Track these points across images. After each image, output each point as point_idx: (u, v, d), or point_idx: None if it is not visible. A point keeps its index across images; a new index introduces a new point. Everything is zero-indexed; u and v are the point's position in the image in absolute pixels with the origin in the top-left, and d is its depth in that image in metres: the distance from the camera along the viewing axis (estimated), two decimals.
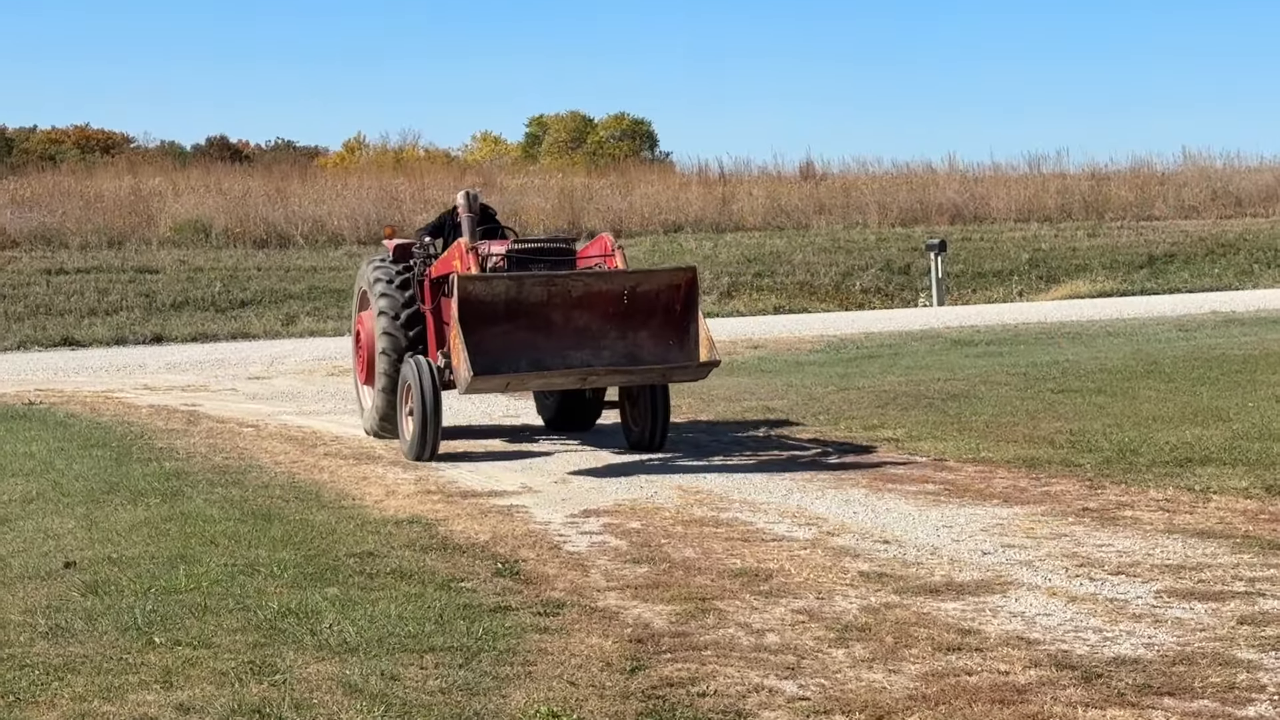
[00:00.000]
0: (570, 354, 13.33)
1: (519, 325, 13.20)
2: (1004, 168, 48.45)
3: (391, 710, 6.55)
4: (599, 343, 13.43)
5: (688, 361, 13.41)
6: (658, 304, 13.49)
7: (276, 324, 29.01)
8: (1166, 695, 6.69)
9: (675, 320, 13.52)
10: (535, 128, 69.72)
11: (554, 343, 13.30)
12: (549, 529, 10.54)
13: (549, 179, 44.28)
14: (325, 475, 12.87)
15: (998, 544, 9.77)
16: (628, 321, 13.47)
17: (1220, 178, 46.95)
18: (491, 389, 13.92)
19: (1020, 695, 6.70)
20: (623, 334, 13.49)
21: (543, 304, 13.21)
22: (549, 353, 13.27)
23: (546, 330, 13.29)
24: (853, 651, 7.46)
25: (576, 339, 13.38)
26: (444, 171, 45.63)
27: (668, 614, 8.22)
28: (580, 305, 13.34)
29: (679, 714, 6.52)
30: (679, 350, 13.47)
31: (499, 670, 7.15)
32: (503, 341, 13.09)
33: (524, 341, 13.21)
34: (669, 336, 13.53)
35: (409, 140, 56.33)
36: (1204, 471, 11.86)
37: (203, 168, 44.76)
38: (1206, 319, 27.87)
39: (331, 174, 46.40)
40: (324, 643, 7.60)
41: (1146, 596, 8.41)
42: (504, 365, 13.01)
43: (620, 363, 13.38)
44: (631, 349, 13.50)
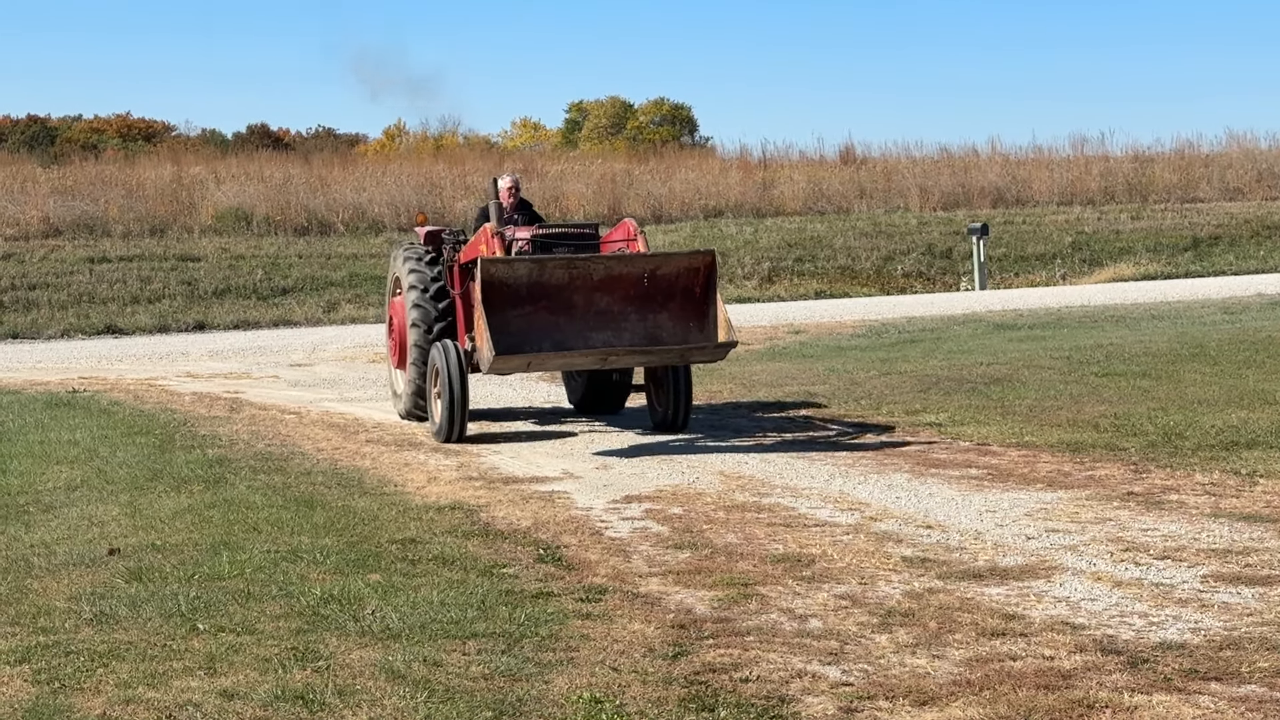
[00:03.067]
0: (591, 335, 13.64)
1: (541, 307, 13.52)
2: (1046, 150, 48.26)
3: (434, 696, 6.56)
4: (620, 324, 13.75)
5: (706, 342, 13.72)
6: (677, 287, 13.83)
7: (318, 311, 29.10)
8: (1214, 680, 6.65)
9: (695, 303, 13.85)
10: (575, 113, 69.77)
11: (576, 324, 13.64)
12: (590, 515, 10.55)
13: (589, 165, 44.21)
14: (367, 462, 12.91)
15: (1042, 529, 9.74)
16: (648, 304, 13.79)
17: (1266, 159, 46.60)
18: (514, 369, 14.15)
19: (1065, 680, 6.67)
20: (643, 316, 13.81)
21: (564, 286, 13.54)
22: (570, 334, 13.61)
23: (568, 312, 13.63)
24: (896, 637, 7.44)
25: (598, 320, 13.70)
26: (484, 158, 45.65)
27: (710, 599, 8.21)
28: (601, 288, 13.67)
29: (722, 700, 6.51)
30: (698, 332, 13.80)
31: (541, 656, 7.16)
32: (525, 322, 13.44)
33: (546, 323, 13.56)
34: (688, 318, 13.87)
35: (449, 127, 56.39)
36: (1250, 455, 11.79)
37: (244, 156, 44.85)
38: (1252, 301, 27.69)
39: (372, 161, 46.46)
40: (366, 629, 7.61)
41: (1193, 581, 8.36)
42: (526, 345, 13.33)
43: (640, 343, 13.71)
44: (652, 330, 13.82)
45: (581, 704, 6.44)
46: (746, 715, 6.31)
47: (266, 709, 6.43)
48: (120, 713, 6.41)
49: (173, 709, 6.44)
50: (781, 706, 6.44)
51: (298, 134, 63.87)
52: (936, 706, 6.41)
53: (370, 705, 6.46)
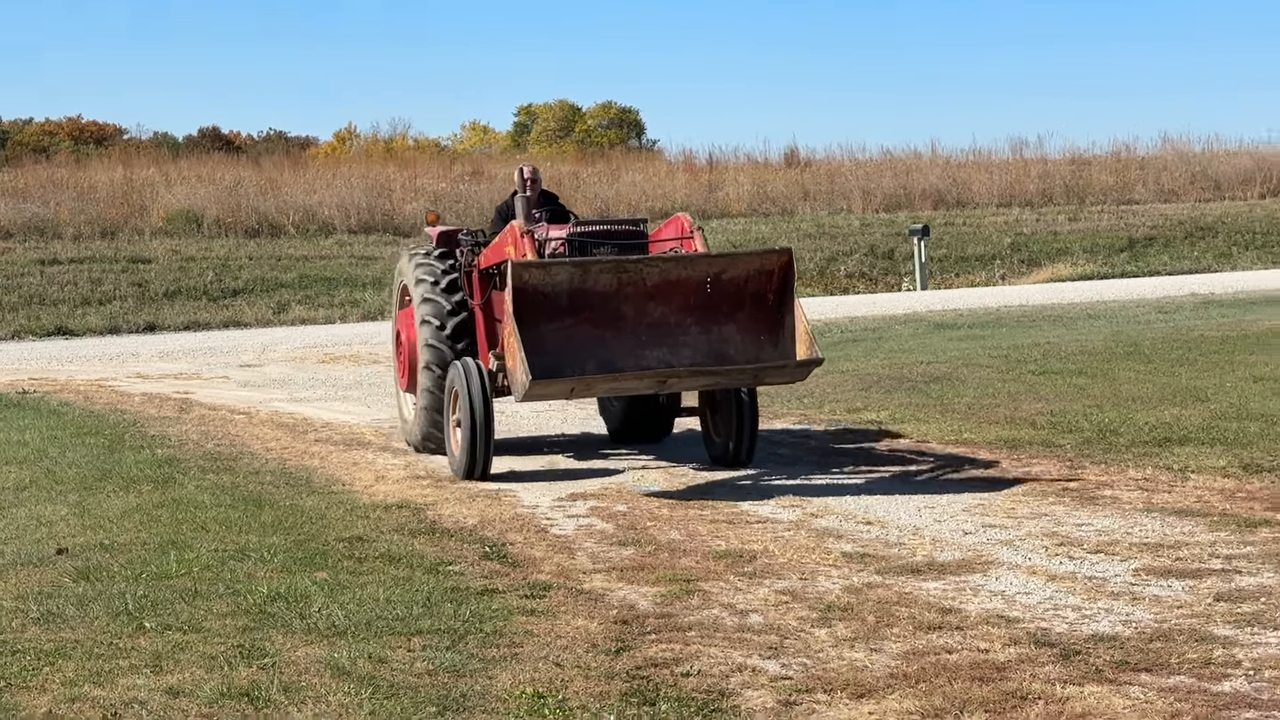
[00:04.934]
0: (644, 353, 11.33)
1: (583, 320, 11.21)
2: (986, 153, 48.49)
3: (379, 692, 6.54)
4: (677, 339, 11.42)
5: (783, 360, 11.34)
6: (745, 293, 11.46)
7: (268, 312, 28.96)
8: (1144, 671, 6.70)
9: (767, 311, 11.48)
10: (524, 117, 69.69)
11: (625, 340, 11.34)
12: (536, 512, 10.53)
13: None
14: (316, 461, 12.85)
15: (979, 524, 9.79)
16: (711, 314, 11.46)
17: (1199, 162, 47.00)
18: (553, 395, 11.45)
19: (999, 673, 6.71)
20: (705, 329, 11.46)
21: (612, 294, 11.22)
22: (619, 352, 11.27)
23: (616, 325, 11.33)
24: (835, 631, 7.46)
25: (651, 335, 11.39)
26: (434, 161, 45.60)
27: (653, 595, 8.22)
28: (655, 295, 11.31)
29: (663, 694, 6.51)
30: (771, 347, 11.43)
31: (485, 652, 7.14)
32: (565, 339, 11.14)
33: (590, 338, 11.25)
34: (759, 331, 11.52)
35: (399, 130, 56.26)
36: (1182, 451, 11.88)
37: (195, 158, 44.63)
38: (1185, 301, 27.91)
39: (322, 164, 46.27)
40: (313, 626, 7.58)
41: (1125, 575, 8.42)
42: (567, 367, 11.02)
43: (704, 362, 11.36)
44: (716, 346, 11.47)
45: (525, 699, 6.43)
46: (687, 709, 6.31)
47: (212, 706, 6.39)
48: (66, 711, 6.37)
49: (118, 707, 6.40)
50: (722, 700, 6.45)
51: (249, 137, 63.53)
52: (874, 699, 6.44)
53: (315, 702, 6.44)
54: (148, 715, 6.29)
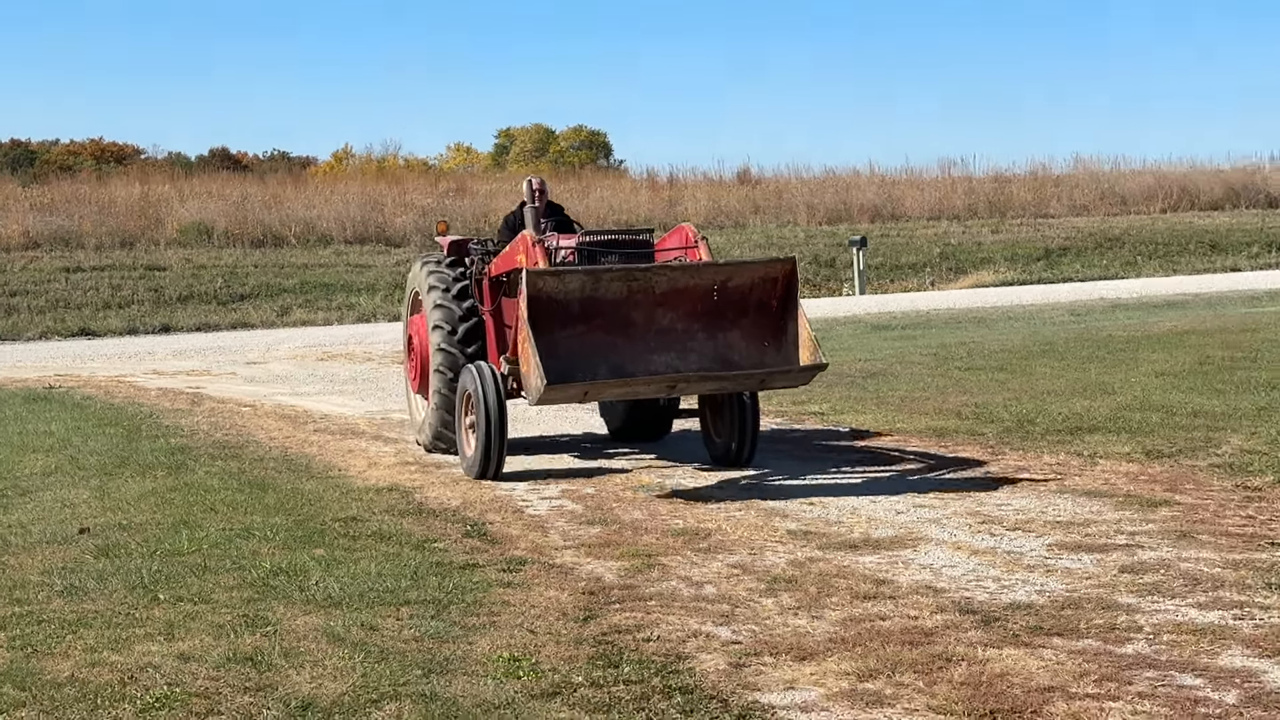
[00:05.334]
0: (653, 358, 10.72)
1: (595, 326, 10.59)
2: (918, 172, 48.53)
3: (370, 656, 6.52)
4: (685, 345, 10.80)
5: (787, 365, 10.78)
6: (750, 300, 10.83)
7: (272, 315, 28.82)
8: (1055, 636, 6.73)
9: (771, 318, 10.89)
10: (503, 139, 69.46)
11: (635, 345, 10.72)
12: (513, 495, 10.51)
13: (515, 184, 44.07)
14: (314, 449, 12.80)
15: (910, 504, 9.80)
16: (717, 320, 10.84)
17: (1108, 179, 47.14)
18: (567, 399, 10.81)
19: (927, 637, 6.73)
20: (711, 335, 10.85)
21: (622, 301, 10.59)
22: (629, 357, 10.68)
23: (626, 331, 10.70)
24: (780, 601, 7.47)
25: (660, 341, 10.77)
26: (422, 178, 45.41)
27: (617, 569, 8.21)
28: (664, 302, 10.71)
29: (626, 657, 6.51)
30: (775, 352, 10.85)
31: (466, 620, 7.13)
32: (577, 344, 10.54)
33: (601, 344, 10.64)
34: (763, 337, 10.90)
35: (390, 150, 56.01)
36: (1091, 439, 11.93)
37: (206, 176, 44.35)
38: (1095, 304, 28.01)
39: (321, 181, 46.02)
40: (311, 598, 7.56)
41: (1039, 549, 8.45)
42: (579, 372, 10.44)
43: (711, 367, 10.70)
44: (722, 351, 10.85)
45: (501, 662, 6.43)
46: (647, 670, 6.31)
47: (219, 670, 6.37)
48: (87, 674, 6.34)
49: (134, 670, 6.37)
50: (678, 663, 6.45)
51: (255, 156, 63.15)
52: (814, 661, 6.45)
53: (313, 665, 6.42)
54: (161, 678, 6.26)
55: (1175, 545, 8.39)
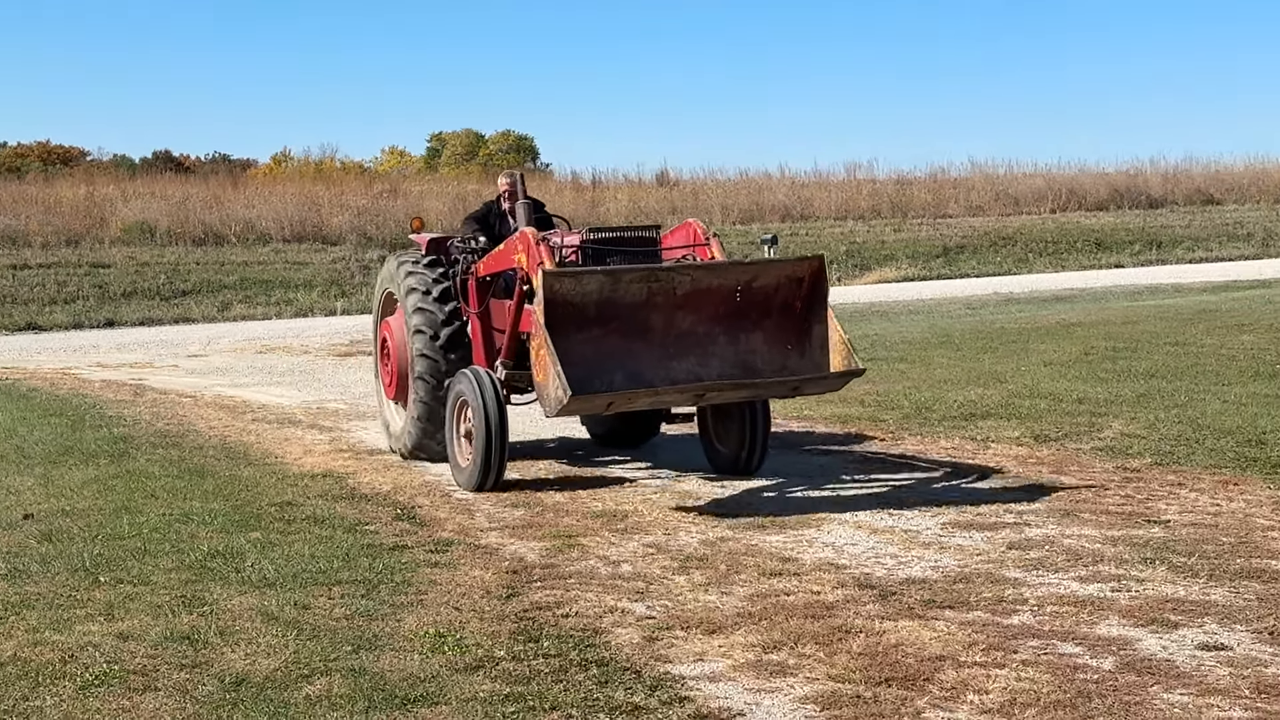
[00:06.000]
0: (672, 364, 9.51)
1: (611, 330, 9.33)
2: (825, 174, 48.65)
3: (302, 634, 6.48)
4: (706, 350, 9.58)
5: (816, 371, 9.55)
6: (774, 302, 9.63)
7: (213, 310, 28.49)
8: (947, 608, 6.79)
9: (794, 321, 9.69)
10: (435, 142, 69.04)
11: (653, 351, 9.48)
12: (442, 480, 10.46)
13: (446, 186, 43.78)
14: (252, 437, 12.68)
15: (815, 486, 9.86)
16: (739, 324, 9.63)
17: (1002, 182, 47.51)
18: (591, 410, 9.57)
19: (829, 611, 6.77)
20: (733, 339, 9.63)
21: (641, 304, 9.33)
22: (647, 363, 9.45)
23: (644, 336, 9.44)
24: (692, 578, 7.49)
25: (679, 346, 9.54)
26: (357, 180, 45.00)
27: (539, 549, 8.21)
28: (685, 305, 9.46)
29: (546, 632, 6.51)
30: (798, 357, 9.66)
31: (395, 599, 7.10)
32: (593, 350, 9.24)
33: (619, 350, 9.40)
34: (786, 340, 9.72)
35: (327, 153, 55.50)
36: (984, 424, 12.04)
37: (149, 178, 43.70)
38: (990, 299, 28.25)
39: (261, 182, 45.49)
40: (246, 579, 7.49)
41: (934, 528, 8.53)
42: (595, 380, 9.16)
43: (734, 373, 9.56)
44: (744, 356, 9.65)
45: (428, 638, 6.40)
46: (566, 645, 6.31)
47: (157, 648, 6.30)
48: (29, 654, 6.25)
49: (75, 649, 6.29)
50: (595, 637, 6.45)
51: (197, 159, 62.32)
52: (723, 634, 6.47)
53: (247, 643, 6.36)
54: (100, 657, 6.18)
55: (1059, 523, 8.50)
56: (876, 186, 47.08)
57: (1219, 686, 5.64)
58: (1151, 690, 5.61)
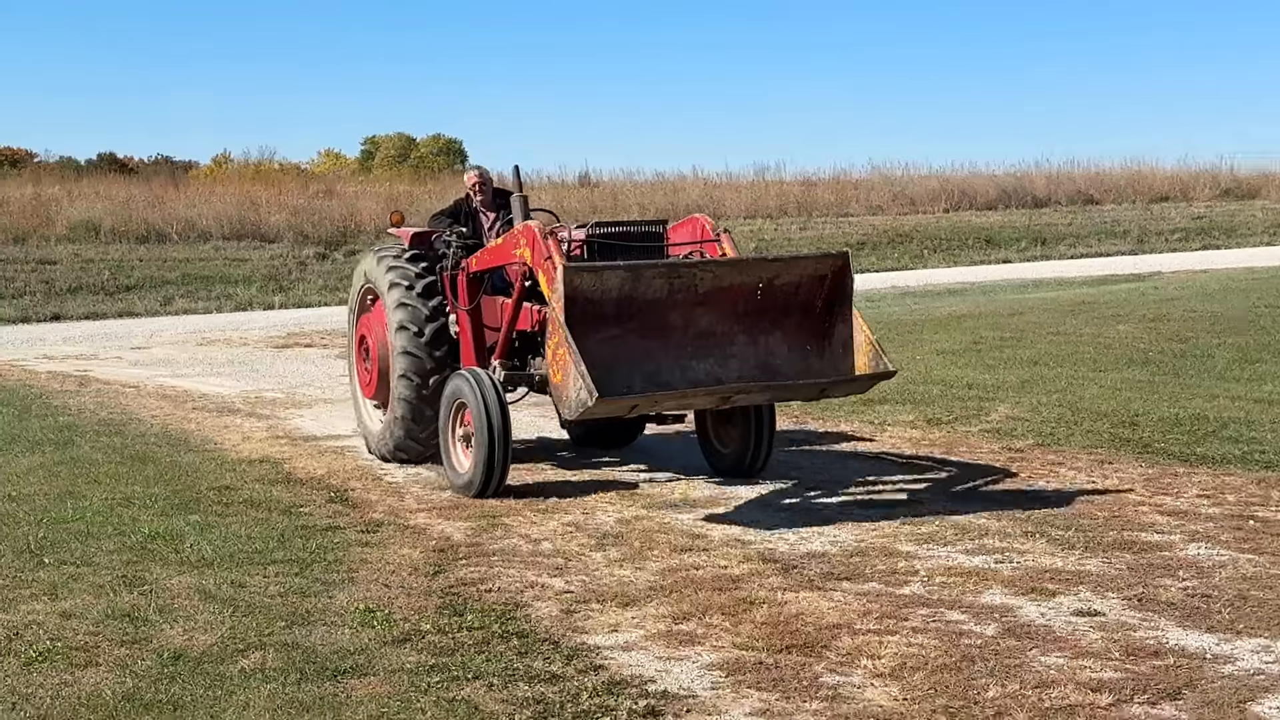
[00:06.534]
0: (691, 365, 8.58)
1: (630, 329, 8.40)
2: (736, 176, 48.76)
3: (238, 611, 6.42)
4: (725, 350, 8.67)
5: (839, 372, 8.64)
6: (795, 300, 8.70)
7: (156, 304, 28.05)
8: (845, 580, 6.85)
9: (814, 320, 8.77)
10: (369, 145, 68.50)
11: (671, 351, 8.54)
12: (373, 464, 10.38)
13: (379, 187, 43.43)
14: (192, 425, 12.51)
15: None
16: (758, 323, 8.71)
17: (899, 183, 47.87)
18: (614, 413, 8.47)
19: (735, 584, 6.81)
20: (752, 339, 8.72)
21: (661, 301, 8.40)
22: (665, 364, 8.51)
23: (662, 335, 8.50)
24: (608, 554, 7.50)
25: (698, 346, 8.61)
26: (294, 181, 44.48)
27: (465, 529, 8.18)
28: (705, 302, 8.52)
29: (470, 606, 6.50)
30: (817, 357, 8.75)
31: (327, 577, 7.05)
32: (611, 350, 8.25)
33: (637, 350, 8.44)
34: (804, 340, 8.80)
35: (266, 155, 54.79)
36: (881, 409, 12.14)
37: (95, 179, 42.95)
38: (888, 292, 28.45)
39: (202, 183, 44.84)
40: (185, 559, 7.41)
41: (834, 504, 8.60)
42: (613, 381, 8.10)
43: (755, 374, 8.66)
44: (763, 357, 8.74)
45: (358, 614, 6.36)
46: (488, 618, 6.30)
47: (99, 625, 6.22)
48: None
49: (20, 627, 6.19)
50: (516, 610, 6.45)
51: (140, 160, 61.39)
52: (636, 607, 6.49)
53: (185, 620, 6.30)
54: (44, 634, 6.09)
55: (949, 500, 8.60)
56: (784, 187, 47.29)
57: (1092, 649, 5.74)
58: (1030, 654, 5.69)
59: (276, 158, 55.18)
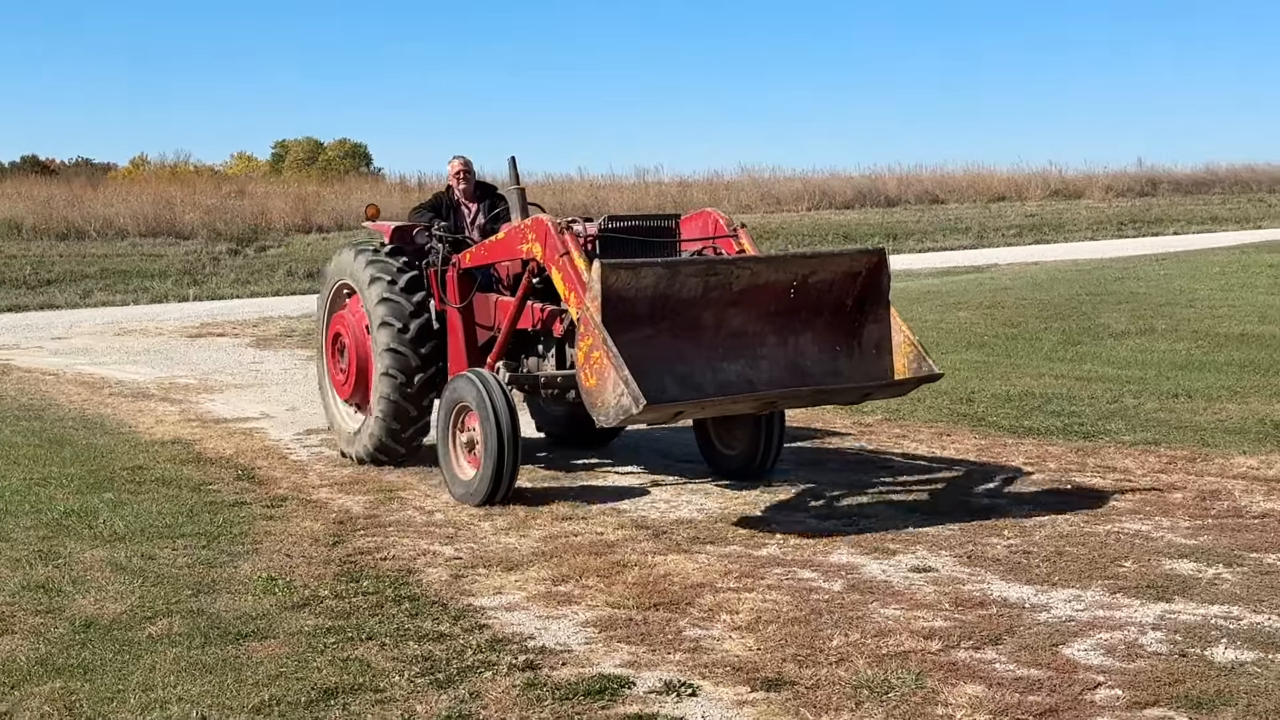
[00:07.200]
0: (722, 366, 7.48)
1: (662, 329, 7.30)
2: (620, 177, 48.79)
3: (148, 581, 6.30)
4: (756, 351, 7.59)
5: (867, 375, 7.64)
6: (827, 298, 7.66)
7: (75, 297, 27.34)
8: (709, 544, 6.92)
9: (844, 319, 7.73)
10: (280, 149, 67.30)
11: (702, 352, 7.44)
12: (280, 444, 10.25)
13: (289, 188, 42.74)
14: (109, 410, 12.23)
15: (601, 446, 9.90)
16: (789, 322, 7.65)
17: (767, 184, 48.28)
18: (656, 421, 7.48)
19: (610, 548, 6.84)
20: (782, 339, 7.65)
21: (695, 300, 7.33)
22: (698, 365, 7.42)
23: (693, 335, 7.41)
24: (495, 523, 7.49)
25: (729, 347, 7.52)
26: (208, 182, 43.63)
27: (364, 502, 8.11)
28: (738, 301, 7.46)
29: (365, 573, 6.45)
30: (846, 359, 7.72)
31: (233, 549, 6.95)
32: (643, 351, 7.04)
33: (669, 351, 7.34)
34: (834, 341, 7.74)
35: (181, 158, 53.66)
36: None
37: (17, 179, 41.70)
38: None
39: (120, 184, 43.71)
40: (99, 534, 7.26)
41: (702, 476, 8.66)
42: (647, 385, 6.82)
43: (784, 377, 7.54)
44: (793, 358, 7.67)
45: (260, 582, 6.29)
46: (382, 583, 6.27)
47: (15, 597, 6.07)
48: None
49: None
50: (409, 576, 6.42)
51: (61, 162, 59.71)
52: (519, 571, 6.50)
53: (97, 590, 6.17)
54: None
55: (806, 470, 8.71)
56: (662, 188, 47.43)
57: (925, 601, 5.87)
58: (871, 606, 5.81)
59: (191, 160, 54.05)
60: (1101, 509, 7.43)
